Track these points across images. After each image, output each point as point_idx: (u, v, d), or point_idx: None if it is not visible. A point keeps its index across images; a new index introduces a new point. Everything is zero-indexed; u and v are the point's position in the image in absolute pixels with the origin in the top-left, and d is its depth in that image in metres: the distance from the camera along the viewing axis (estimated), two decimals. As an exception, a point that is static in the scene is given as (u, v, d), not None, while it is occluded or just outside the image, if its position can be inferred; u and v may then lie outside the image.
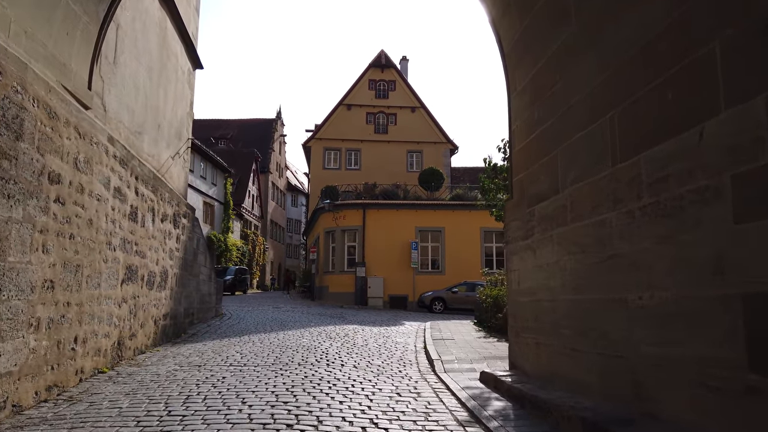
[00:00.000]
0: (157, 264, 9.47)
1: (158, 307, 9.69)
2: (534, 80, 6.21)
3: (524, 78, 6.48)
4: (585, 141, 5.06)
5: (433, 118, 37.71)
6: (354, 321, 15.78)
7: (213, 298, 15.83)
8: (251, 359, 8.27)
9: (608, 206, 4.60)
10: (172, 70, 10.59)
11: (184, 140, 11.79)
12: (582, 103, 5.11)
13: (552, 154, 5.74)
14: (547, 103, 5.86)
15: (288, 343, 10.12)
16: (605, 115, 4.67)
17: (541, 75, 5.99)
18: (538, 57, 6.03)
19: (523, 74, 6.49)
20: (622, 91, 4.41)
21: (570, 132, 5.35)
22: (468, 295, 22.49)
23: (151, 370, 7.29)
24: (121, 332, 7.77)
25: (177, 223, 10.79)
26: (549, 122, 5.84)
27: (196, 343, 10.13)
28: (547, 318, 5.81)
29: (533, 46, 6.18)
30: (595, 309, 4.81)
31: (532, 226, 6.30)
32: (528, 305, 6.39)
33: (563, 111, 5.48)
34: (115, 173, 7.23)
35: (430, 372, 7.64)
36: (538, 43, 6.00)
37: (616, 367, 4.45)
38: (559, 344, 5.47)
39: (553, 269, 5.66)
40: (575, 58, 5.22)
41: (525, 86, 6.49)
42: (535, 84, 6.18)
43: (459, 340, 10.90)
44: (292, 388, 6.17)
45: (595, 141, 4.87)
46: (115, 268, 7.40)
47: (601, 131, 4.75)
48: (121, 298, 7.74)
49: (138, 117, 8.74)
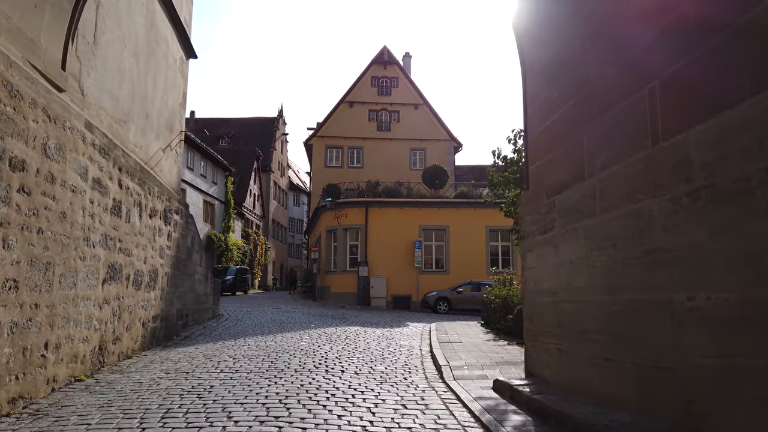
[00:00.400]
0: (145, 262, 8.87)
1: (147, 308, 9.09)
2: (555, 56, 5.57)
3: (543, 55, 5.84)
4: (617, 119, 4.43)
5: (436, 115, 37.04)
6: (356, 322, 15.17)
7: (210, 298, 15.22)
8: (244, 365, 7.66)
9: (647, 193, 3.97)
10: (162, 56, 9.98)
11: (176, 133, 11.19)
12: (614, 77, 4.48)
13: (576, 136, 5.10)
14: (570, 81, 5.23)
15: (285, 347, 9.50)
16: (644, 87, 4.03)
17: (564, 49, 5.36)
18: (561, 28, 5.40)
19: (543, 51, 5.86)
20: (667, 56, 3.77)
21: (598, 110, 4.72)
22: (473, 295, 21.85)
23: (134, 378, 6.68)
24: (102, 336, 7.17)
25: (168, 220, 10.18)
26: (572, 102, 5.21)
27: (188, 347, 9.53)
28: (571, 322, 5.18)
29: (556, 17, 5.54)
30: (631, 312, 4.18)
31: (551, 219, 5.67)
32: (548, 307, 5.75)
33: (590, 88, 4.85)
34: (93, 163, 6.63)
35: (438, 379, 7.02)
36: (564, 10, 5.35)
37: (658, 380, 3.82)
38: (587, 351, 4.83)
39: (578, 267, 5.03)
40: (608, 26, 4.58)
41: (544, 64, 5.86)
42: (556, 60, 5.54)
43: (467, 343, 10.27)
44: (285, 399, 5.55)
45: (631, 118, 4.24)
46: (95, 267, 6.80)
47: (638, 106, 4.11)
48: (103, 299, 7.13)
49: (123, 104, 8.14)
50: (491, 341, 10.72)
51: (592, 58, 4.84)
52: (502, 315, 12.01)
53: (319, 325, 13.62)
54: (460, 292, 22.23)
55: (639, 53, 4.16)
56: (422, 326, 14.16)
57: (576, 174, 5.11)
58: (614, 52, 4.47)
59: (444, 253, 25.36)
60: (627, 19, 4.31)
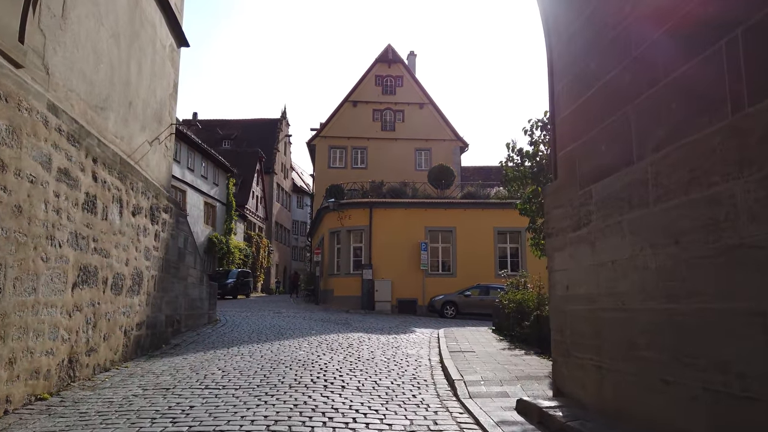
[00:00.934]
0: (126, 264, 8.06)
1: (129, 315, 8.28)
2: (591, 17, 4.73)
3: (575, 19, 5.00)
4: (679, 87, 3.60)
5: (442, 115, 36.19)
6: (360, 328, 14.32)
7: (205, 303, 14.42)
8: (234, 379, 6.84)
9: (726, 174, 3.12)
10: (148, 41, 9.20)
11: (165, 125, 10.40)
12: (674, 33, 3.64)
13: (620, 112, 4.26)
14: (612, 45, 4.39)
15: (282, 357, 8.67)
16: (719, 40, 3.19)
17: (602, 5, 4.52)
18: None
19: (574, 13, 5.02)
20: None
21: (651, 78, 3.87)
22: (482, 298, 20.98)
23: (105, 396, 5.86)
24: (73, 347, 6.36)
25: (155, 218, 9.38)
26: (614, 71, 4.37)
27: (175, 357, 8.71)
28: (614, 334, 4.33)
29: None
30: (702, 324, 3.33)
31: (587, 212, 4.82)
32: (583, 316, 4.90)
33: (641, 51, 4.01)
34: (59, 150, 5.83)
35: (452, 397, 6.17)
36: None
37: (744, 415, 2.97)
38: (637, 371, 3.98)
39: (624, 268, 4.19)
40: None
41: (576, 30, 5.02)
42: (593, 21, 4.70)
43: (480, 353, 9.41)
44: (275, 425, 4.72)
45: (698, 83, 3.39)
46: (62, 269, 5.99)
47: (711, 66, 3.27)
48: (73, 306, 6.33)
49: (100, 89, 7.34)
50: (506, 350, 9.85)
51: (642, 14, 3.99)
52: (517, 321, 11.14)
53: (320, 332, 12.79)
54: (468, 295, 21.35)
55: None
56: (430, 332, 13.31)
57: (620, 157, 4.27)
58: (675, 3, 3.63)
59: (451, 256, 24.46)
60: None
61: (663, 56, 3.76)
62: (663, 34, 3.76)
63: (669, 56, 3.69)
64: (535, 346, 9.96)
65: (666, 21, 3.73)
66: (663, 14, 3.75)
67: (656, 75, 3.83)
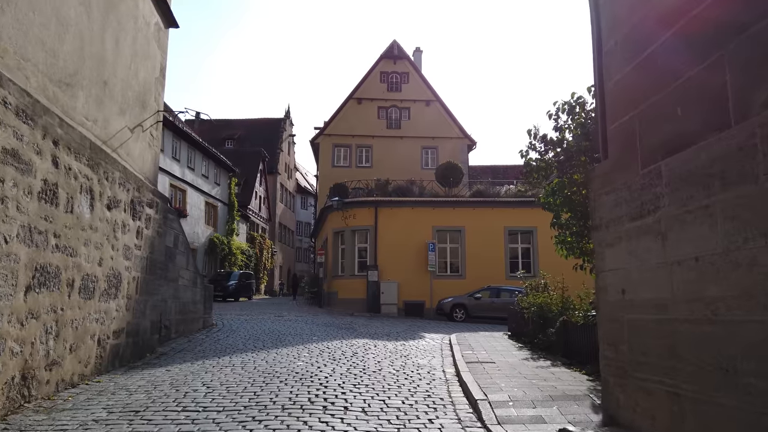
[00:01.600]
0: (100, 265, 7.09)
1: (104, 322, 7.30)
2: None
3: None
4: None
5: (449, 112, 35.15)
6: (365, 333, 13.31)
7: (200, 306, 13.44)
8: (218, 398, 5.84)
9: None
10: (128, 15, 8.23)
11: (151, 111, 9.43)
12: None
13: (709, 61, 3.24)
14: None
15: (277, 369, 7.67)
16: None
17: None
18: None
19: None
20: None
21: (760, 13, 2.85)
22: (493, 301, 19.96)
23: (59, 422, 4.87)
24: (27, 362, 5.38)
25: (137, 213, 8.41)
26: (697, 9, 3.35)
27: (157, 369, 7.73)
28: (700, 353, 3.30)
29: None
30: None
31: (654, 196, 3.80)
32: (649, 327, 3.88)
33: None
34: (4, 127, 4.85)
35: (476, 422, 5.14)
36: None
37: None
38: (738, 402, 2.96)
39: (714, 266, 3.17)
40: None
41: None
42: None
43: (501, 363, 8.37)
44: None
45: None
46: (10, 269, 5.01)
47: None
48: (27, 313, 5.35)
49: (66, 63, 6.37)
50: (529, 360, 8.81)
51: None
52: (540, 327, 10.09)
53: (322, 338, 11.78)
54: (478, 298, 20.31)
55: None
56: (440, 338, 12.28)
57: (707, 121, 3.25)
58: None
59: (459, 256, 23.42)
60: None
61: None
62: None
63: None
64: (560, 356, 8.93)
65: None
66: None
67: (764, 8, 2.81)
